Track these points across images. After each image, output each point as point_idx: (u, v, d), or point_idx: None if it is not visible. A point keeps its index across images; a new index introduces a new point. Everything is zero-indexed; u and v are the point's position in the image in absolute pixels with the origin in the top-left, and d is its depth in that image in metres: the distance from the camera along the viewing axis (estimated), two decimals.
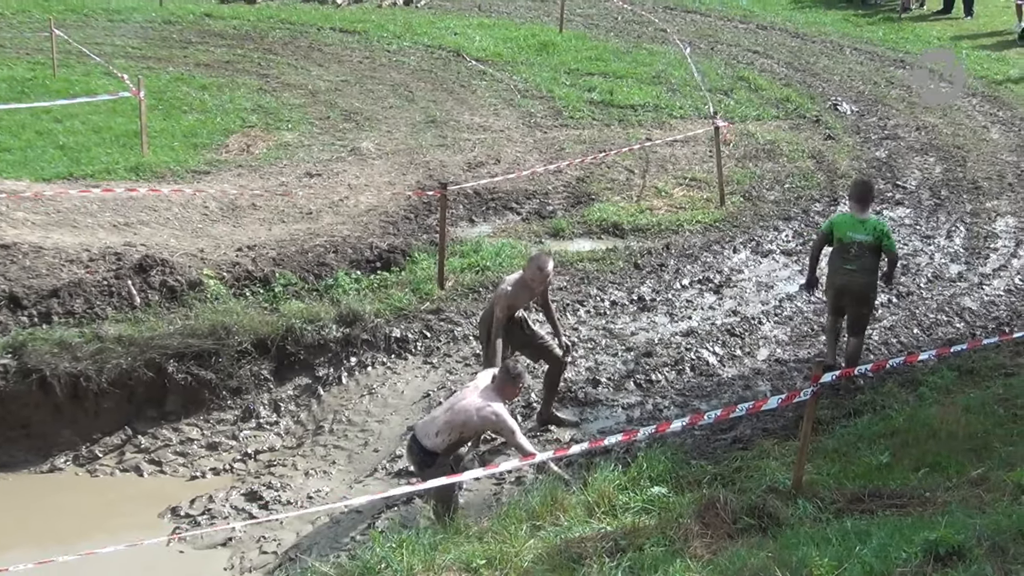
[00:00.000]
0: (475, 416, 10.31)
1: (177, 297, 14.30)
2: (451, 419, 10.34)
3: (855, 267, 12.38)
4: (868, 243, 12.31)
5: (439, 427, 10.37)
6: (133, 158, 18.40)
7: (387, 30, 26.63)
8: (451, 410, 10.43)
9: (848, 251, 12.38)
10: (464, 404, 10.39)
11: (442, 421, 10.39)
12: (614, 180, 18.43)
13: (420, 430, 10.52)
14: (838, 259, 12.53)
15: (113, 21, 26.70)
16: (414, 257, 15.55)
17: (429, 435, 10.40)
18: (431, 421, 10.51)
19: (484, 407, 10.28)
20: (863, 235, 12.31)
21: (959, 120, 21.78)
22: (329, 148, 19.53)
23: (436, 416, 10.55)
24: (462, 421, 10.33)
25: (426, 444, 10.39)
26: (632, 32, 27.26)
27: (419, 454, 10.47)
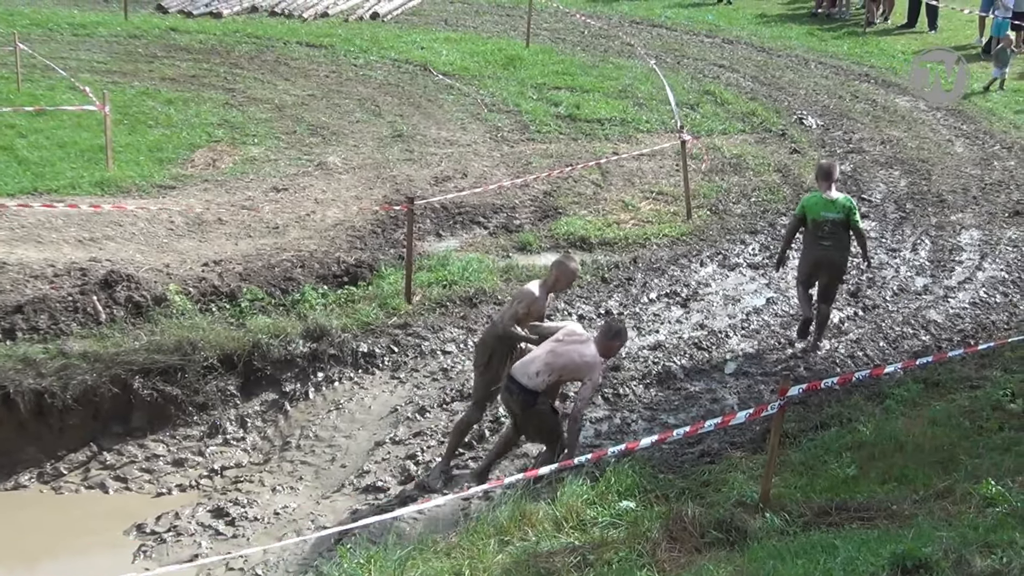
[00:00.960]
0: (579, 360, 10.77)
1: (143, 313, 14.21)
2: (552, 360, 10.78)
3: (830, 243, 13.46)
4: (840, 220, 13.41)
5: (539, 367, 10.81)
6: (98, 173, 18.30)
7: (354, 44, 26.59)
8: (552, 352, 10.84)
9: (822, 229, 13.43)
10: (569, 348, 10.82)
11: (542, 361, 10.83)
12: (581, 194, 18.45)
13: (517, 370, 10.92)
14: (813, 237, 13.55)
15: (78, 35, 26.55)
16: (381, 272, 15.53)
17: (528, 374, 10.83)
18: (529, 361, 10.91)
19: (590, 355, 10.76)
20: (834, 214, 13.40)
21: (924, 134, 21.91)
22: (296, 163, 19.48)
23: (536, 355, 10.93)
24: (563, 364, 10.78)
25: (526, 383, 10.83)
26: (599, 46, 27.30)
27: (519, 394, 10.87)
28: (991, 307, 15.39)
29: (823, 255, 13.50)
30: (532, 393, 10.87)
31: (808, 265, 13.79)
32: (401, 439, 12.48)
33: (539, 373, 10.83)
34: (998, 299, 15.61)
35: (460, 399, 13.07)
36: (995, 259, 16.79)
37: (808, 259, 13.77)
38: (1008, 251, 17.05)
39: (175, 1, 29.75)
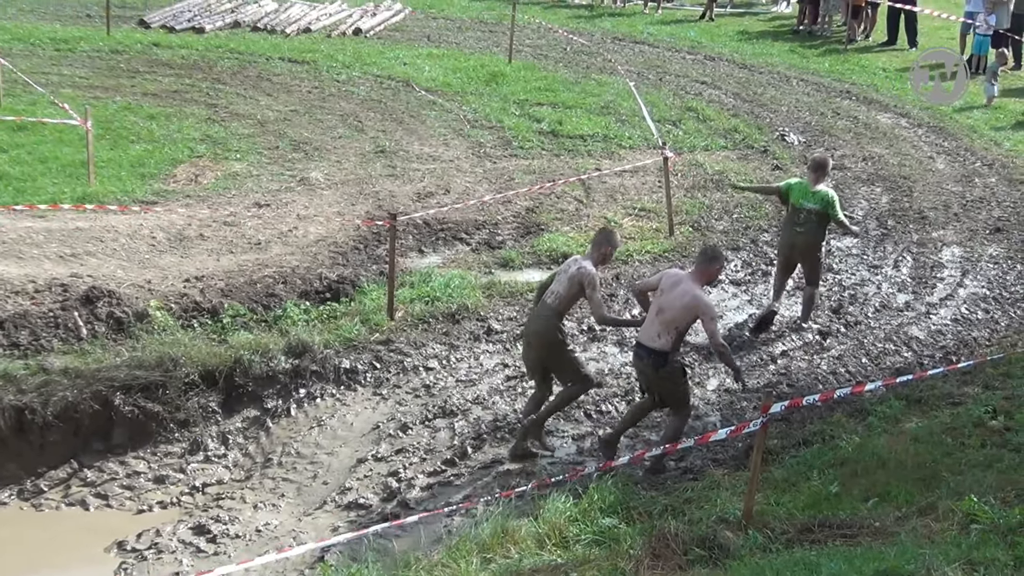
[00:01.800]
0: (687, 302, 11.14)
1: (124, 329, 14.17)
2: (664, 319, 11.20)
3: (804, 230, 14.47)
4: (816, 210, 14.40)
5: (658, 328, 11.25)
6: (80, 188, 18.24)
7: (336, 60, 26.59)
8: (660, 309, 11.25)
9: (799, 215, 14.48)
10: (671, 297, 11.22)
11: (658, 322, 11.24)
12: (564, 210, 18.46)
13: (643, 336, 11.38)
14: (790, 222, 14.64)
15: (60, 50, 26.49)
16: (363, 288, 15.50)
17: (652, 338, 11.27)
18: (648, 327, 11.32)
19: (688, 301, 11.13)
20: (812, 203, 14.41)
21: (905, 151, 21.98)
22: (278, 178, 19.45)
23: (651, 321, 11.31)
24: (673, 315, 11.16)
25: (654, 346, 11.26)
26: (581, 63, 27.35)
27: (649, 357, 11.29)
28: (972, 324, 15.44)
29: (797, 239, 14.46)
30: (661, 354, 11.27)
31: (785, 247, 14.88)
32: (383, 456, 12.45)
33: (660, 335, 11.26)
34: (979, 316, 15.66)
35: (442, 415, 13.04)
36: (976, 276, 16.84)
37: (784, 241, 14.90)
38: (989, 268, 17.11)
39: (157, 16, 29.75)
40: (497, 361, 14.20)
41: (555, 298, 11.86)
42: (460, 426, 12.86)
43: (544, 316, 11.91)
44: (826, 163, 14.80)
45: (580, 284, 11.72)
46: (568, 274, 11.82)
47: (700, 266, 11.45)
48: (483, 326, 14.88)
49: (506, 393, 13.47)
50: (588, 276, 11.70)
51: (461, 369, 14.06)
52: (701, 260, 11.50)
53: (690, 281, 11.31)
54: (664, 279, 11.54)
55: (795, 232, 14.53)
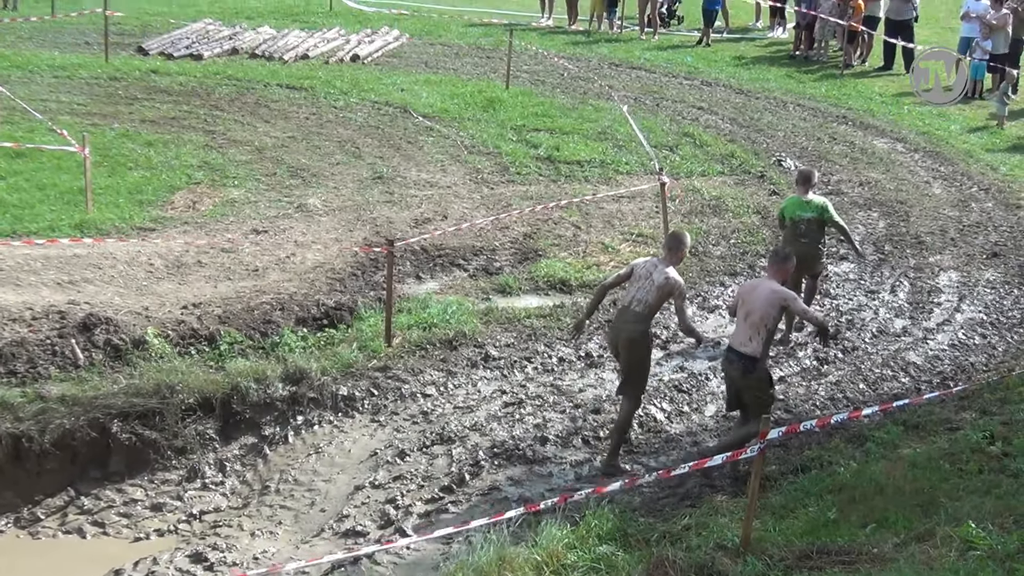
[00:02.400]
0: (767, 307, 11.68)
1: (121, 356, 14.17)
2: (752, 321, 11.70)
3: (806, 240, 15.00)
4: (813, 219, 15.03)
5: (748, 333, 11.75)
6: (78, 215, 18.25)
7: (334, 86, 26.63)
8: (748, 315, 11.74)
9: (799, 227, 15.07)
10: (754, 301, 11.75)
11: (746, 328, 11.76)
12: (561, 236, 18.49)
13: (734, 341, 11.93)
14: (792, 234, 15.15)
15: (58, 77, 26.53)
16: (361, 314, 15.51)
17: (744, 343, 11.78)
18: (739, 332, 11.86)
19: (770, 295, 11.73)
20: (809, 213, 15.04)
21: (902, 176, 22.02)
22: (276, 205, 19.47)
23: (741, 326, 11.83)
24: (759, 317, 11.66)
25: (746, 351, 11.76)
26: (578, 88, 27.40)
27: (739, 361, 11.80)
28: (970, 349, 15.45)
29: (800, 249, 14.42)
30: (752, 359, 11.75)
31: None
32: (381, 483, 12.43)
33: (751, 338, 11.76)
34: (977, 341, 15.68)
35: (440, 442, 13.03)
36: (973, 301, 16.87)
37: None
38: (986, 293, 17.14)
39: (155, 43, 29.81)
40: (495, 388, 14.20)
41: (643, 306, 12.24)
42: (458, 453, 12.85)
43: (633, 322, 12.27)
44: (811, 174, 15.48)
45: (668, 294, 12.16)
46: (656, 284, 12.17)
47: (774, 266, 12.14)
48: (481, 352, 14.88)
49: (504, 420, 13.46)
50: (677, 287, 12.17)
51: (458, 396, 14.05)
52: (774, 260, 12.22)
53: (768, 282, 11.99)
54: (741, 290, 12.27)
55: (799, 243, 14.87)
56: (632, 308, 12.28)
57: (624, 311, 12.38)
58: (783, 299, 11.77)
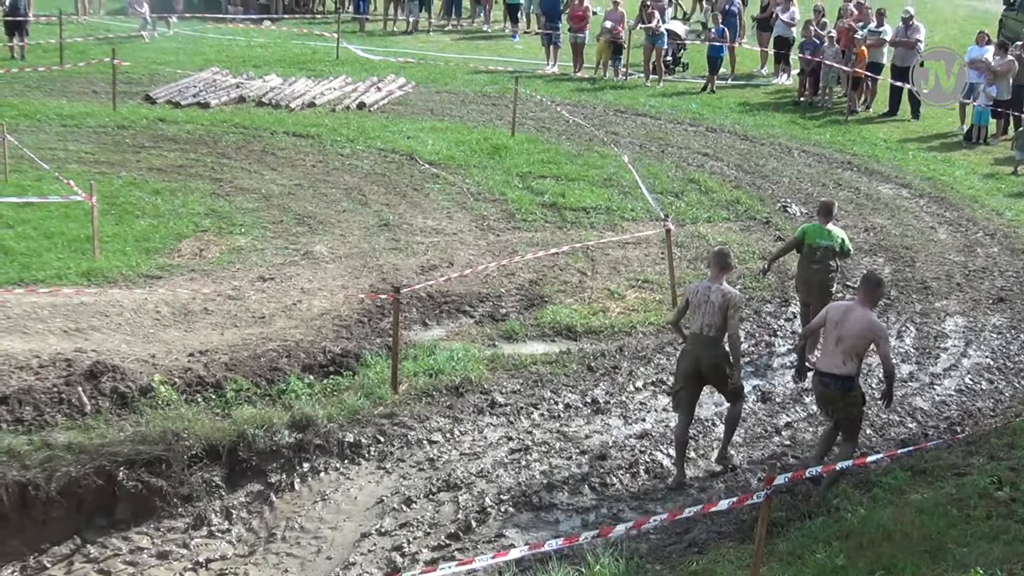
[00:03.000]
0: (860, 340, 12.29)
1: (128, 403, 14.18)
2: (844, 348, 12.28)
3: (819, 266, 15.74)
4: (831, 247, 15.76)
5: (842, 356, 12.32)
6: (85, 263, 18.31)
7: (340, 134, 26.72)
8: (840, 339, 12.31)
9: (815, 254, 15.78)
10: (849, 326, 12.29)
11: (840, 353, 12.31)
12: (567, 282, 18.52)
13: (825, 366, 12.46)
14: (807, 260, 15.90)
15: (66, 126, 26.64)
16: (367, 361, 15.52)
17: (838, 366, 12.34)
18: (830, 357, 12.41)
19: (866, 329, 12.29)
20: (827, 241, 15.76)
21: (907, 221, 22.05)
22: (282, 252, 19.52)
23: (832, 351, 12.39)
24: (852, 345, 12.26)
25: (840, 373, 12.34)
26: (583, 135, 27.48)
27: (836, 384, 12.38)
28: (977, 394, 15.45)
29: (814, 276, 15.70)
30: (848, 379, 12.39)
31: (802, 284, 16.21)
32: (387, 530, 12.41)
33: (845, 362, 12.34)
34: (983, 386, 15.67)
35: (446, 489, 13.02)
36: (980, 346, 16.86)
37: (802, 280, 16.16)
38: (993, 338, 17.14)
39: (163, 92, 29.95)
40: (501, 434, 14.19)
41: (714, 330, 12.90)
42: (464, 500, 12.84)
43: (712, 347, 12.98)
44: (832, 205, 16.33)
45: (728, 309, 12.81)
46: (717, 305, 12.83)
47: (867, 292, 12.56)
48: (487, 399, 14.88)
49: (510, 466, 13.45)
50: (734, 300, 12.92)
51: (465, 442, 14.05)
52: (867, 287, 12.60)
53: (861, 308, 12.46)
54: (831, 312, 12.64)
55: (811, 270, 15.77)
56: (705, 335, 12.96)
57: (698, 338, 13.04)
58: (877, 336, 12.35)
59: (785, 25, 33.32)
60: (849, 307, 12.63)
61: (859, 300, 12.60)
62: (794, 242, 16.30)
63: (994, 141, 27.86)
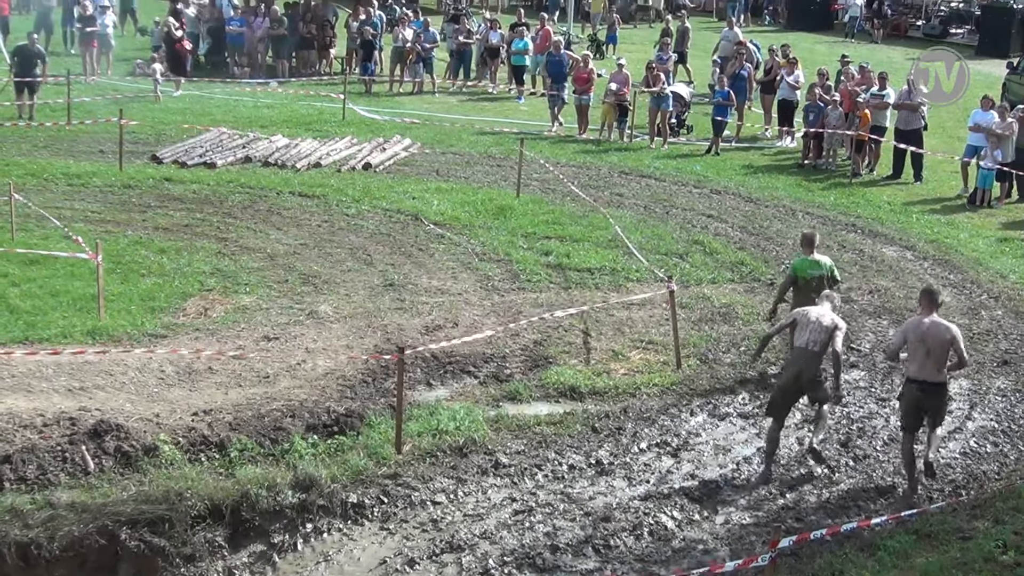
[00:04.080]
0: (947, 337, 14.16)
1: (131, 463, 14.17)
2: (936, 356, 14.12)
3: (816, 295, 16.17)
4: (824, 275, 17.11)
5: (937, 365, 14.19)
6: (90, 322, 18.37)
7: (346, 194, 26.80)
8: (930, 352, 14.11)
9: (811, 284, 16.94)
10: (935, 344, 14.09)
11: (933, 362, 14.15)
12: (571, 343, 18.54)
13: (924, 375, 14.17)
14: (804, 292, 16.92)
15: (73, 185, 26.75)
16: (371, 421, 15.52)
17: (934, 375, 14.19)
18: (926, 367, 14.14)
19: (947, 327, 14.30)
20: (819, 271, 17.15)
21: (911, 283, 22.05)
22: (287, 312, 19.56)
23: (924, 363, 14.14)
24: (941, 353, 14.14)
25: (938, 380, 14.24)
26: (588, 196, 27.56)
27: (935, 390, 14.25)
28: (981, 457, 15.43)
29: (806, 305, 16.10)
30: (944, 384, 14.44)
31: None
32: None
33: (939, 370, 14.21)
34: (988, 449, 15.65)
35: (450, 550, 13.01)
36: (984, 409, 16.85)
37: (795, 308, 16.57)
38: (997, 401, 17.13)
39: (169, 152, 30.09)
40: (505, 495, 14.17)
41: (819, 346, 14.71)
42: (468, 561, 12.82)
43: (814, 360, 14.78)
44: (814, 236, 17.69)
45: (833, 333, 14.72)
46: (825, 326, 14.77)
47: (931, 304, 14.49)
48: (491, 460, 14.88)
49: (514, 528, 13.43)
50: (842, 326, 15.01)
51: (468, 503, 14.03)
52: (931, 298, 14.57)
53: (937, 319, 14.38)
54: (910, 332, 14.37)
55: (810, 299, 16.31)
56: (810, 349, 14.76)
57: (802, 352, 14.85)
58: (957, 338, 14.23)
59: (790, 88, 33.49)
60: (928, 322, 14.27)
61: (925, 312, 14.42)
62: (789, 280, 17.53)
63: (997, 204, 27.93)
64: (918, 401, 14.27)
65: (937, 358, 14.08)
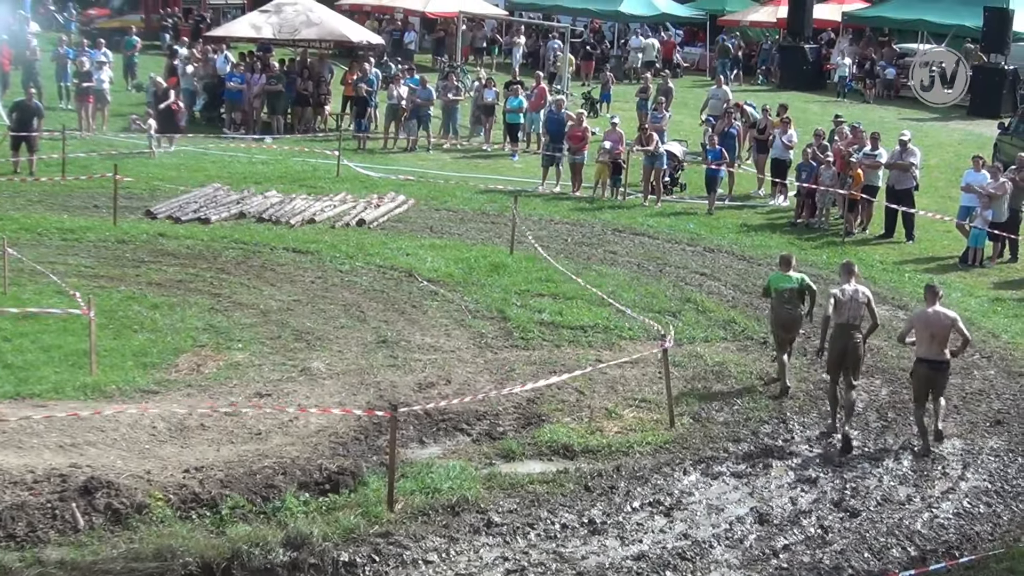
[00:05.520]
0: (947, 327, 17.06)
1: (122, 520, 14.10)
2: (939, 339, 17.00)
3: (790, 306, 19.38)
4: (795, 288, 19.40)
5: (942, 345, 17.07)
6: (82, 377, 18.34)
7: (340, 250, 26.83)
8: (934, 336, 16.98)
9: (784, 296, 19.37)
10: (938, 328, 16.99)
11: (937, 344, 17.00)
12: (564, 401, 18.53)
13: (931, 354, 17.02)
14: (779, 302, 19.44)
15: (67, 240, 26.77)
16: (364, 479, 15.47)
17: (940, 354, 17.06)
18: (933, 348, 17.01)
19: (948, 314, 17.27)
20: (791, 284, 19.44)
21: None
22: (280, 368, 19.54)
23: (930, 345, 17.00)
24: (943, 336, 17.02)
25: (944, 359, 17.16)
26: (582, 254, 27.62)
27: (942, 366, 17.21)
28: (975, 518, 15.39)
29: (787, 315, 19.38)
30: (948, 362, 17.34)
31: (778, 324, 19.55)
32: None
33: (943, 351, 17.07)
34: (982, 509, 15.62)
35: None
36: (977, 469, 16.84)
37: (777, 320, 19.51)
38: (990, 461, 17.11)
39: (164, 207, 30.13)
40: (497, 554, 14.11)
41: (859, 319, 17.79)
42: None
43: (858, 333, 17.88)
44: (791, 257, 20.24)
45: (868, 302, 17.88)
46: (861, 301, 17.74)
47: (934, 297, 17.26)
48: (483, 518, 14.82)
49: None
50: (871, 296, 18.07)
51: (461, 562, 13.96)
52: (932, 293, 17.39)
53: (939, 307, 17.19)
54: (917, 321, 17.35)
55: (785, 310, 19.32)
56: (852, 323, 17.70)
57: (846, 327, 17.74)
58: (955, 322, 17.11)
59: (783, 147, 33.66)
60: (931, 312, 17.06)
61: (930, 304, 17.14)
62: (765, 292, 20.03)
63: (990, 264, 28.01)
64: (927, 377, 17.03)
65: (941, 340, 16.90)
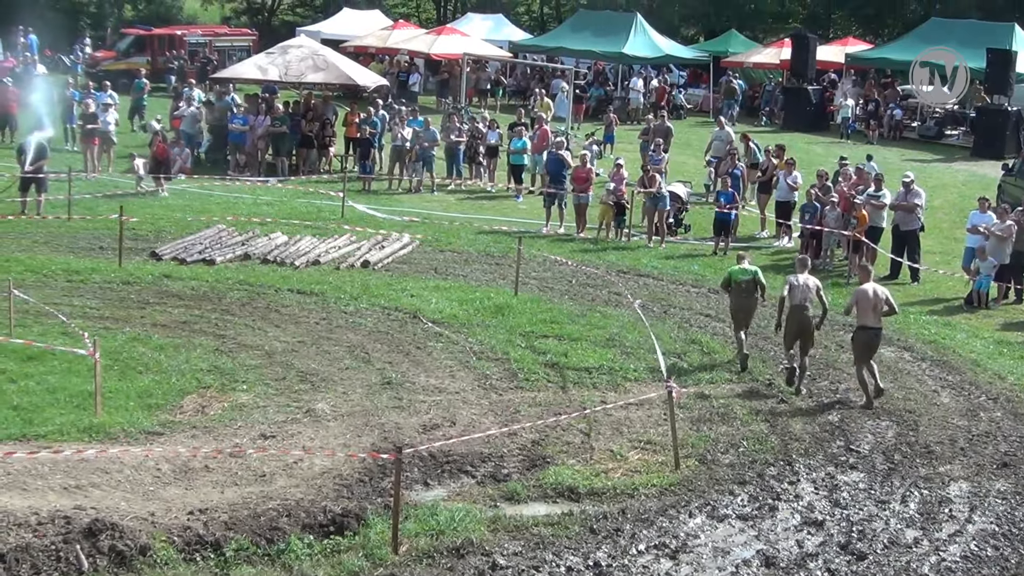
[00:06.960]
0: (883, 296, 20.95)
1: (126, 562, 14.07)
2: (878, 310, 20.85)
3: (746, 295, 22.82)
4: (750, 280, 22.85)
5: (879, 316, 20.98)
6: (87, 419, 18.33)
7: (344, 292, 26.86)
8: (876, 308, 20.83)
9: (741, 286, 22.79)
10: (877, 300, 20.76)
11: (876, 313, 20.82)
12: (569, 443, 18.49)
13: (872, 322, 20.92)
14: (736, 291, 22.90)
15: (72, 281, 26.80)
16: (368, 521, 15.43)
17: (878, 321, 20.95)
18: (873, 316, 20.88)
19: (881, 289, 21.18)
20: (746, 276, 22.82)
21: (909, 384, 22.07)
22: (284, 410, 19.52)
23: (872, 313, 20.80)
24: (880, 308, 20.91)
25: (880, 326, 21.13)
26: (586, 295, 27.65)
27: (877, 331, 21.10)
28: (983, 561, 15.33)
29: (744, 302, 22.91)
30: (881, 328, 21.28)
31: (737, 309, 22.97)
32: None
33: (879, 319, 20.93)
34: (989, 552, 15.56)
35: None
36: (985, 512, 16.77)
37: (734, 305, 23.02)
38: (998, 503, 17.05)
39: (169, 249, 30.18)
40: None
41: (809, 301, 21.57)
42: None
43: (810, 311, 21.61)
44: (745, 255, 23.73)
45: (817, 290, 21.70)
46: (811, 287, 21.60)
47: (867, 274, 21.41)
48: (488, 561, 14.76)
49: None
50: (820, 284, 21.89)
51: None
52: (866, 271, 21.59)
53: (875, 285, 21.15)
54: (859, 297, 20.88)
55: (742, 298, 22.79)
56: (804, 303, 21.45)
57: (799, 308, 21.47)
58: (887, 296, 20.95)
59: (788, 189, 33.72)
60: (867, 288, 20.79)
61: (862, 280, 21.18)
62: (725, 282, 23.18)
63: (995, 305, 28.01)
64: (869, 340, 20.90)
65: (877, 311, 20.73)
